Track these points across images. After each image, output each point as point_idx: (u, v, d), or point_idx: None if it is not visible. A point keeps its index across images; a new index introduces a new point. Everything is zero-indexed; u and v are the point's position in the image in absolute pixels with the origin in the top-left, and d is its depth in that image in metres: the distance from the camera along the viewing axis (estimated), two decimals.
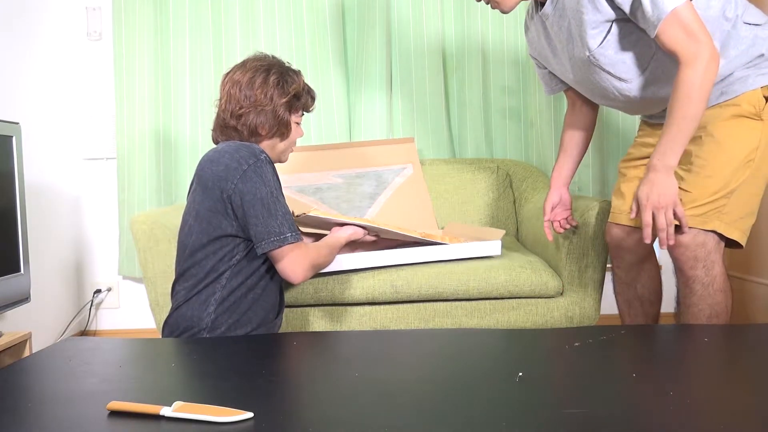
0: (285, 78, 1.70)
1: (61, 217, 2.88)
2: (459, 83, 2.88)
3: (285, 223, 1.58)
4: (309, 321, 2.13)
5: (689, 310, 1.77)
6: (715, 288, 1.73)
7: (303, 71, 2.85)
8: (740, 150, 1.67)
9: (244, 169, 1.57)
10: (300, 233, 1.62)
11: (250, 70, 1.68)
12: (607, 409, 1.01)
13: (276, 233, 1.56)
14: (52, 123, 2.82)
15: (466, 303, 2.14)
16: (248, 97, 1.66)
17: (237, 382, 1.17)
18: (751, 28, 1.68)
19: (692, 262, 1.71)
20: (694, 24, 1.54)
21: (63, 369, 1.30)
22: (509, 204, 2.71)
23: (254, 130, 1.68)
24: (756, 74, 1.67)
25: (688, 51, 1.55)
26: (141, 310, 2.97)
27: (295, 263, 1.60)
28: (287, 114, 1.70)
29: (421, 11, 2.84)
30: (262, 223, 1.56)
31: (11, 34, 2.56)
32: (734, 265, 2.87)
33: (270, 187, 1.58)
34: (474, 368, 1.24)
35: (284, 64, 1.75)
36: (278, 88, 1.68)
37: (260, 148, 1.63)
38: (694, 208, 1.68)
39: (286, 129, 1.72)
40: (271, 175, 1.60)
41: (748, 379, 1.16)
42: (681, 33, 1.55)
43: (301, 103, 1.74)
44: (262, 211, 1.56)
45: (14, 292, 2.06)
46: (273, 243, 1.57)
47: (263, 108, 1.67)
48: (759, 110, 1.66)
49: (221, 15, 2.84)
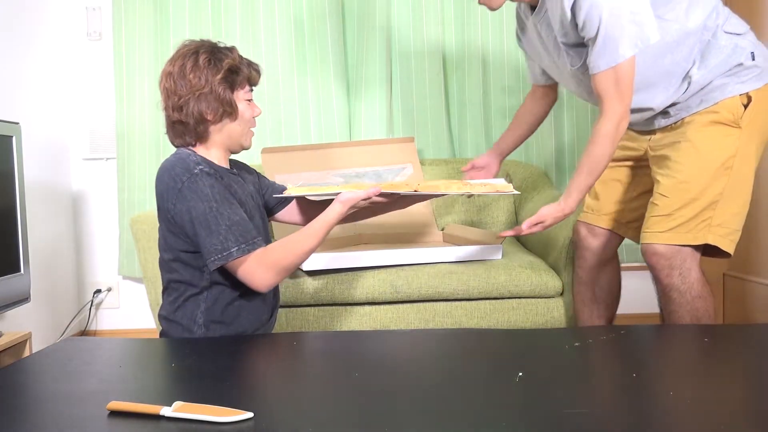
0: (216, 56, 1.58)
1: (61, 217, 2.88)
2: (459, 83, 2.88)
3: (230, 237, 1.49)
4: (309, 321, 2.13)
5: (670, 317, 1.78)
6: (692, 295, 1.73)
7: (303, 71, 2.85)
8: (717, 156, 1.68)
9: (179, 188, 1.50)
10: (253, 241, 1.51)
11: (178, 58, 1.59)
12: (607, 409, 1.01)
13: (219, 250, 1.48)
14: (52, 123, 2.82)
15: (466, 303, 2.14)
16: (183, 85, 1.56)
17: (237, 382, 1.17)
18: (731, 37, 1.69)
19: (668, 270, 1.72)
20: (626, 82, 1.63)
21: (63, 369, 1.30)
22: (509, 204, 2.71)
23: (200, 118, 1.57)
24: (735, 82, 1.68)
25: (612, 105, 1.66)
26: (141, 310, 2.97)
27: (252, 273, 1.51)
28: (228, 92, 1.58)
29: (421, 12, 2.84)
30: (204, 242, 1.49)
31: (11, 34, 2.56)
32: (734, 265, 2.87)
33: (208, 202, 1.49)
34: (474, 368, 1.24)
35: (214, 43, 1.63)
36: (210, 68, 1.57)
37: (196, 160, 1.54)
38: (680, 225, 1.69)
39: (231, 108, 1.59)
40: (209, 187, 1.51)
41: (748, 379, 1.16)
42: (612, 87, 1.65)
43: (241, 77, 1.61)
44: (201, 230, 1.49)
45: (14, 292, 2.06)
46: (218, 261, 1.48)
47: (201, 92, 1.56)
48: (737, 117, 1.67)
49: (221, 15, 2.84)
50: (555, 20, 1.70)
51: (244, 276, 1.51)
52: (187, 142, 1.60)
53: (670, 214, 1.70)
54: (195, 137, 1.60)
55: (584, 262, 2.00)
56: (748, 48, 1.69)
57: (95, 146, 2.94)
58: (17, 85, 2.58)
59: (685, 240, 1.69)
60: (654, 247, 1.71)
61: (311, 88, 2.85)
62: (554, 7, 1.68)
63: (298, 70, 2.85)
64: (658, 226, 1.72)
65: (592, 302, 2.03)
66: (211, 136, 1.60)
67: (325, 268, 2.07)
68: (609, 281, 2.02)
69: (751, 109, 1.67)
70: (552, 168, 2.86)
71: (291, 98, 2.85)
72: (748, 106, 1.67)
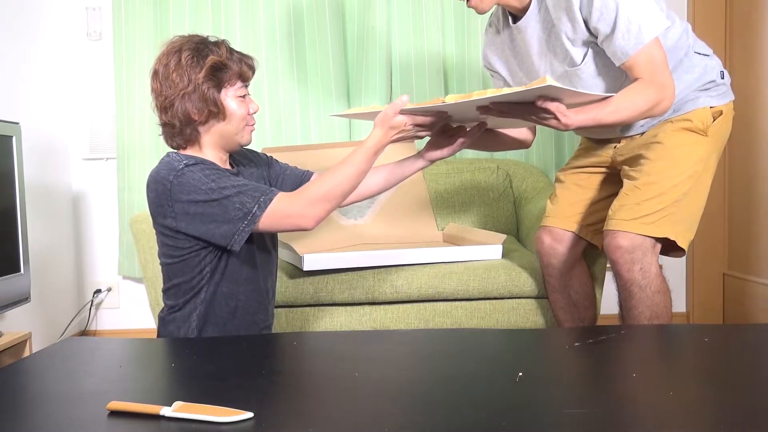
0: (200, 52, 1.50)
1: (61, 217, 2.88)
2: (459, 83, 2.88)
3: (245, 200, 1.43)
4: (309, 321, 2.13)
5: (630, 313, 1.80)
6: (652, 290, 1.76)
7: (303, 71, 2.84)
8: (687, 159, 1.75)
9: (169, 188, 1.45)
10: (269, 190, 1.46)
11: (163, 56, 1.52)
12: (607, 409, 1.01)
13: (241, 218, 1.42)
14: (52, 123, 2.82)
15: (466, 303, 2.14)
16: (168, 85, 1.49)
17: (237, 382, 1.17)
18: (701, 57, 1.79)
19: (629, 265, 1.74)
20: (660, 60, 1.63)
21: (63, 369, 1.30)
22: (509, 204, 2.71)
23: (186, 118, 1.50)
24: (706, 96, 1.78)
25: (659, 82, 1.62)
26: (141, 310, 2.97)
27: (288, 214, 1.44)
28: (214, 91, 1.50)
29: (421, 12, 2.84)
30: (223, 224, 1.44)
31: (11, 34, 2.56)
32: (734, 265, 2.87)
33: (205, 186, 1.44)
34: (474, 368, 1.24)
35: (202, 38, 1.54)
36: (193, 66, 1.48)
37: (179, 158, 1.49)
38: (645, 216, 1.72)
39: (217, 108, 1.51)
40: (200, 172, 1.45)
41: (748, 379, 1.16)
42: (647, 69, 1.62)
43: (229, 73, 1.52)
44: (212, 214, 1.44)
45: (14, 292, 2.06)
46: (248, 227, 1.43)
47: (185, 92, 1.49)
48: (706, 127, 1.75)
49: (221, 15, 2.84)
50: (559, 17, 1.69)
51: (282, 222, 1.45)
52: (178, 144, 1.56)
53: (639, 203, 1.73)
54: (184, 139, 1.54)
55: (553, 270, 2.00)
56: (717, 68, 1.81)
57: (95, 146, 2.94)
58: (17, 85, 2.58)
59: (649, 231, 1.72)
60: (617, 240, 1.73)
61: (311, 88, 2.85)
62: (557, 3, 1.68)
63: (298, 70, 2.85)
64: (625, 213, 1.74)
65: (570, 306, 2.03)
66: (201, 137, 1.54)
67: (325, 268, 2.07)
68: (581, 283, 2.03)
69: (718, 122, 1.77)
70: (552, 168, 2.86)
71: (291, 98, 2.85)
72: (716, 119, 1.77)
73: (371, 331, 2.07)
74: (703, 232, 2.92)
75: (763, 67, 2.63)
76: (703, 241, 2.92)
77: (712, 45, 1.91)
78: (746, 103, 2.72)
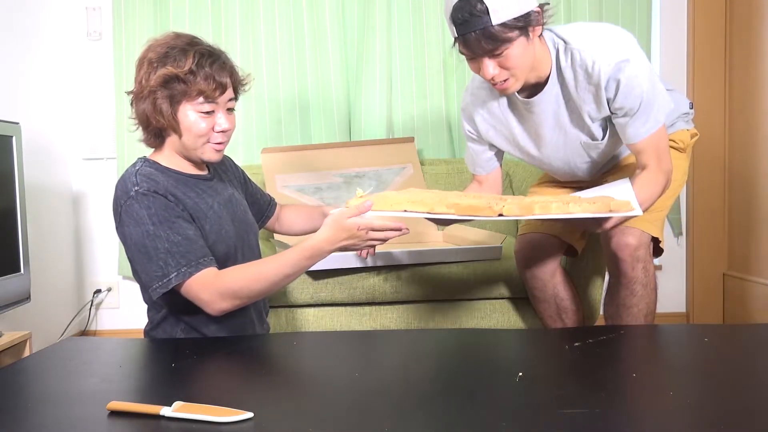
0: (163, 59, 1.40)
1: (61, 218, 2.88)
2: (459, 83, 2.88)
3: (170, 261, 1.37)
4: (309, 321, 2.13)
5: (629, 311, 1.81)
6: (650, 287, 1.82)
7: (303, 71, 2.84)
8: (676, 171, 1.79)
9: (119, 211, 1.42)
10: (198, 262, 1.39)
11: (145, 50, 1.45)
12: (607, 409, 1.01)
13: (159, 277, 1.38)
14: (52, 123, 2.82)
15: (466, 303, 2.14)
16: (136, 81, 1.44)
17: (237, 382, 1.17)
18: (672, 92, 1.85)
19: (634, 263, 1.77)
20: (665, 146, 1.69)
21: (63, 369, 1.30)
22: None
23: (143, 120, 1.45)
24: (683, 121, 1.90)
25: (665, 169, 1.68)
26: (141, 310, 2.94)
27: (197, 297, 1.40)
28: (165, 103, 1.40)
29: (421, 12, 2.84)
30: (144, 270, 1.40)
31: (11, 34, 2.56)
32: (734, 265, 2.87)
33: (144, 226, 1.38)
34: (474, 368, 1.24)
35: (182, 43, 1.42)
36: (151, 72, 1.40)
37: (135, 181, 1.42)
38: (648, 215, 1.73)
39: (164, 119, 1.42)
40: (146, 209, 1.38)
41: (748, 379, 1.16)
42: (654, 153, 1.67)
43: (189, 88, 1.39)
44: (139, 257, 1.40)
45: (14, 292, 2.06)
46: (159, 289, 1.39)
47: (141, 94, 1.43)
48: (685, 146, 1.88)
49: (221, 15, 2.84)
50: (583, 98, 1.68)
51: (193, 300, 1.40)
52: (148, 142, 1.51)
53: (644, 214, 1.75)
54: (150, 138, 1.50)
55: (537, 282, 1.98)
56: (684, 100, 1.93)
57: (95, 146, 2.94)
58: (17, 85, 2.58)
59: (651, 230, 1.79)
60: (626, 237, 1.76)
61: (311, 88, 2.85)
62: (579, 81, 1.66)
63: (298, 70, 2.85)
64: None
65: (560, 313, 2.02)
66: (165, 141, 1.49)
67: (325, 268, 2.07)
68: (565, 288, 2.01)
69: (693, 140, 1.91)
70: None
71: (291, 98, 2.85)
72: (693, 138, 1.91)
73: (371, 331, 2.07)
74: (703, 232, 2.93)
75: (763, 67, 2.63)
76: (703, 241, 2.92)
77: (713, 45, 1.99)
78: (746, 103, 2.72)
